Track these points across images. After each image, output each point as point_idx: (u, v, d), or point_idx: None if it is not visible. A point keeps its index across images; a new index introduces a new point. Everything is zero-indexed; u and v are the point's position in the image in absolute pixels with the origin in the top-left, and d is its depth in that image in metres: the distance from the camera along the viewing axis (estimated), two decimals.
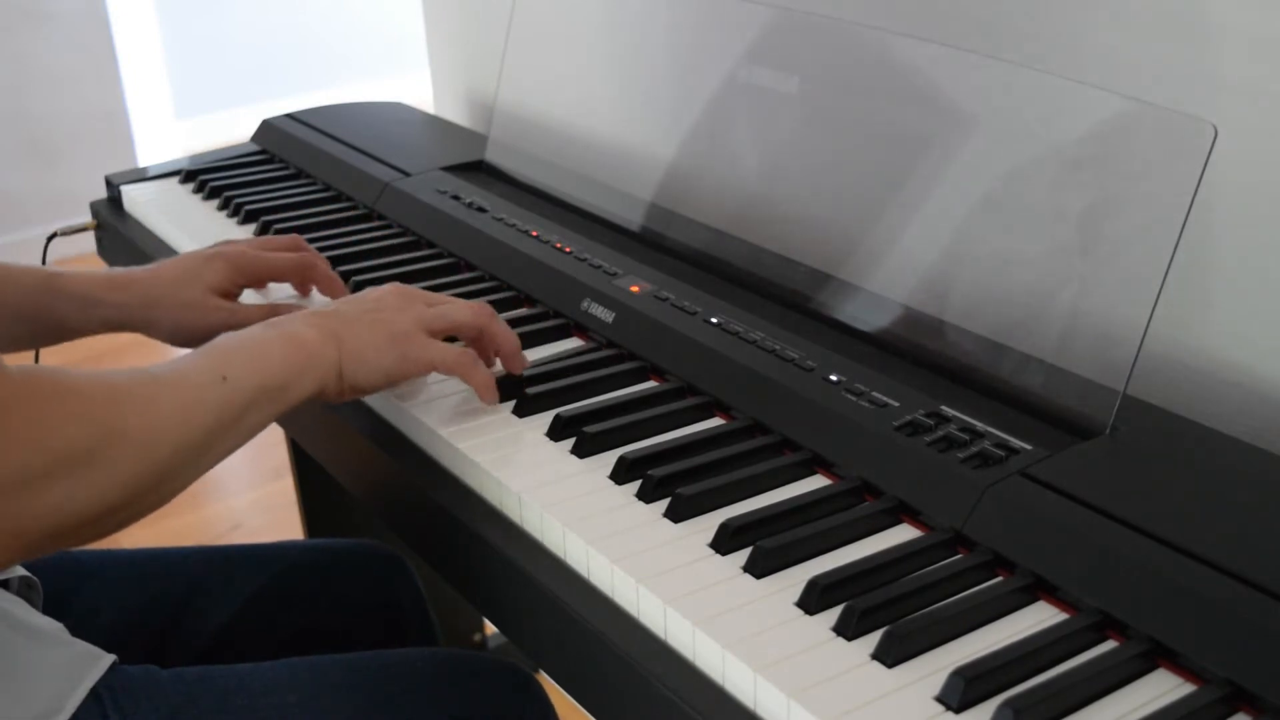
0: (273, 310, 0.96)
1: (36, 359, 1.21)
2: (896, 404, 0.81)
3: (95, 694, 0.79)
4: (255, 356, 0.79)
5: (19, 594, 0.85)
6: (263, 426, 0.79)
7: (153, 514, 0.74)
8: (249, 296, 1.06)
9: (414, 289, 0.90)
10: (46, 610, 0.89)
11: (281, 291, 1.09)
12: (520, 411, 0.88)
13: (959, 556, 0.71)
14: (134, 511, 0.72)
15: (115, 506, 0.70)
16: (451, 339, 0.91)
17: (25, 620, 0.80)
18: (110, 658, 0.81)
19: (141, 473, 0.70)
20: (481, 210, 1.19)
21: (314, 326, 0.83)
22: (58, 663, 0.79)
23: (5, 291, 0.97)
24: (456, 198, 1.23)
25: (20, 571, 0.85)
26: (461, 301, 0.90)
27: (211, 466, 0.76)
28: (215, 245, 1.04)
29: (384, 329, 0.84)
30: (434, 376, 0.92)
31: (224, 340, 0.80)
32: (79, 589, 1.00)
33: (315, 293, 1.08)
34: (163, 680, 0.83)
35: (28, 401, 0.66)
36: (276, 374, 0.79)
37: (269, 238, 1.07)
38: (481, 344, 0.91)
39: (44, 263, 1.31)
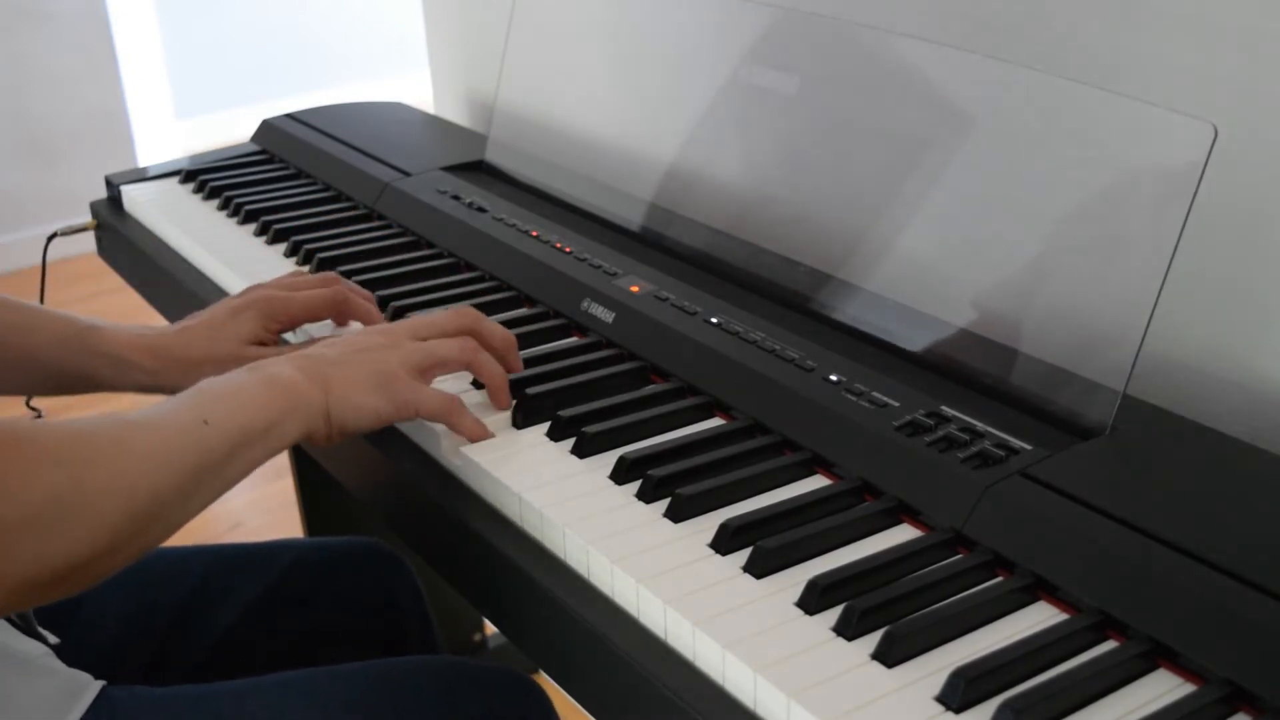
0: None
1: (29, 403, 1.18)
2: (896, 404, 0.81)
3: None
4: (237, 400, 0.76)
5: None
6: (249, 470, 0.77)
7: None
8: None
9: (399, 324, 0.87)
10: (48, 619, 0.88)
11: (320, 327, 1.02)
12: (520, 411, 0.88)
13: (959, 556, 0.71)
14: (122, 557, 0.69)
15: (100, 553, 0.67)
16: None
17: (9, 646, 0.78)
18: (98, 685, 0.79)
19: (120, 520, 0.68)
20: (481, 210, 1.19)
21: (299, 369, 0.80)
22: (43, 694, 0.77)
23: (35, 341, 0.95)
24: (456, 198, 1.23)
25: None
26: (449, 340, 0.86)
27: (201, 509, 0.74)
28: (243, 292, 0.99)
29: (371, 368, 0.82)
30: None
31: (206, 385, 0.78)
32: (81, 596, 0.99)
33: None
34: (155, 702, 0.82)
35: None
36: (260, 417, 0.76)
37: (300, 277, 1.01)
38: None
39: (44, 263, 1.31)
